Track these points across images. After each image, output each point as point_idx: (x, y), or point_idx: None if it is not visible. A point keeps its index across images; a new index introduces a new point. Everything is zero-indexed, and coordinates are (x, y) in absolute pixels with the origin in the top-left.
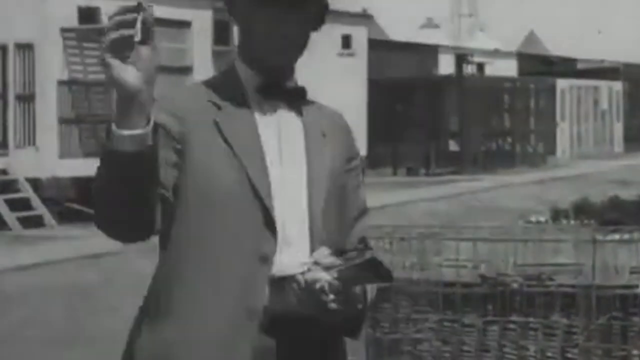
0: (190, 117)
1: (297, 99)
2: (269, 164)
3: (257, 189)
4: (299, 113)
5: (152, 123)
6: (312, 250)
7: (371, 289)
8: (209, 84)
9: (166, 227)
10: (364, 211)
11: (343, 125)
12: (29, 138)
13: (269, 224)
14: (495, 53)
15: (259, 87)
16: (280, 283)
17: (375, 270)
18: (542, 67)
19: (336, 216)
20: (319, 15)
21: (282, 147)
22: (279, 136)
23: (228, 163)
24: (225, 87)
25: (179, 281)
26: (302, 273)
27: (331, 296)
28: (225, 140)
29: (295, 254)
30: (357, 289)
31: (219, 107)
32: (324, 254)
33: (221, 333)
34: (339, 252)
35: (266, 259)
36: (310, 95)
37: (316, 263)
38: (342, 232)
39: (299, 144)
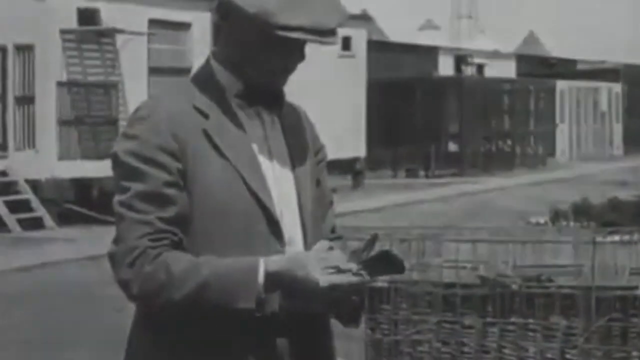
0: (181, 131)
1: (276, 101)
2: (263, 169)
3: (258, 197)
4: (278, 114)
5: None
6: (307, 248)
7: None
8: (190, 86)
9: None
10: (331, 201)
11: (308, 120)
12: (29, 140)
13: (275, 228)
14: (495, 54)
15: (240, 93)
16: None
17: (389, 262)
18: (541, 68)
19: (318, 211)
20: None
21: (271, 151)
22: (267, 141)
23: (225, 174)
24: (206, 91)
25: None
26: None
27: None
28: (218, 151)
29: None
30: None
31: (206, 116)
32: (325, 247)
33: (231, 337)
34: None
35: None
36: (311, 97)
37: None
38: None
39: (283, 146)
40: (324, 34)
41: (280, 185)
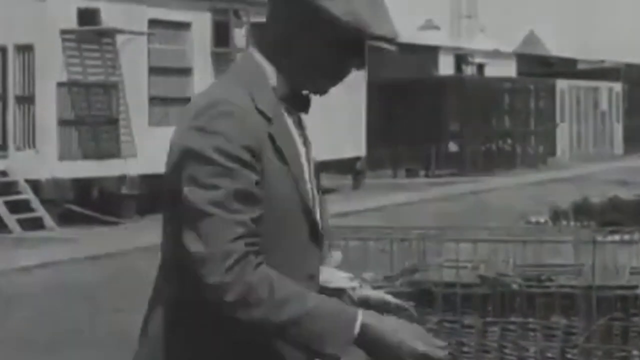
0: (255, 132)
1: (306, 106)
2: (307, 176)
3: (307, 205)
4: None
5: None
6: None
7: None
8: (246, 85)
9: None
10: None
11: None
12: (29, 140)
13: (316, 237)
14: (495, 54)
15: (285, 96)
16: (333, 294)
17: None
18: (541, 67)
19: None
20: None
21: (308, 157)
22: (305, 146)
23: (283, 179)
24: (262, 93)
25: None
26: (354, 289)
27: None
28: (280, 156)
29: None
30: None
31: (268, 119)
32: (339, 259)
33: (270, 349)
34: None
35: (313, 277)
36: (311, 96)
37: (363, 280)
38: None
39: (311, 153)
40: (392, 42)
41: (314, 193)
